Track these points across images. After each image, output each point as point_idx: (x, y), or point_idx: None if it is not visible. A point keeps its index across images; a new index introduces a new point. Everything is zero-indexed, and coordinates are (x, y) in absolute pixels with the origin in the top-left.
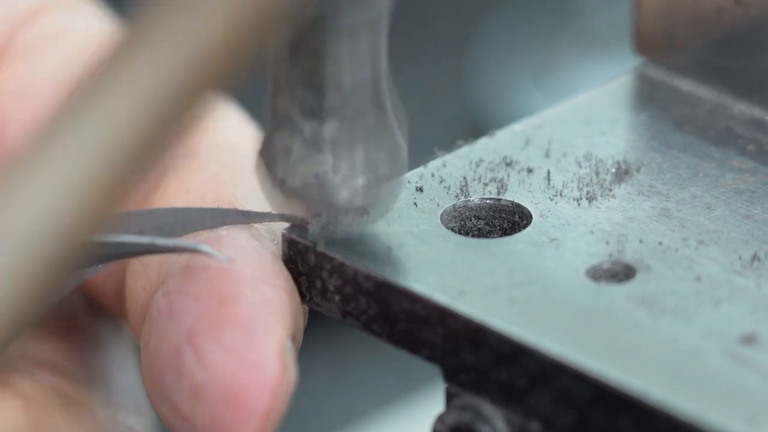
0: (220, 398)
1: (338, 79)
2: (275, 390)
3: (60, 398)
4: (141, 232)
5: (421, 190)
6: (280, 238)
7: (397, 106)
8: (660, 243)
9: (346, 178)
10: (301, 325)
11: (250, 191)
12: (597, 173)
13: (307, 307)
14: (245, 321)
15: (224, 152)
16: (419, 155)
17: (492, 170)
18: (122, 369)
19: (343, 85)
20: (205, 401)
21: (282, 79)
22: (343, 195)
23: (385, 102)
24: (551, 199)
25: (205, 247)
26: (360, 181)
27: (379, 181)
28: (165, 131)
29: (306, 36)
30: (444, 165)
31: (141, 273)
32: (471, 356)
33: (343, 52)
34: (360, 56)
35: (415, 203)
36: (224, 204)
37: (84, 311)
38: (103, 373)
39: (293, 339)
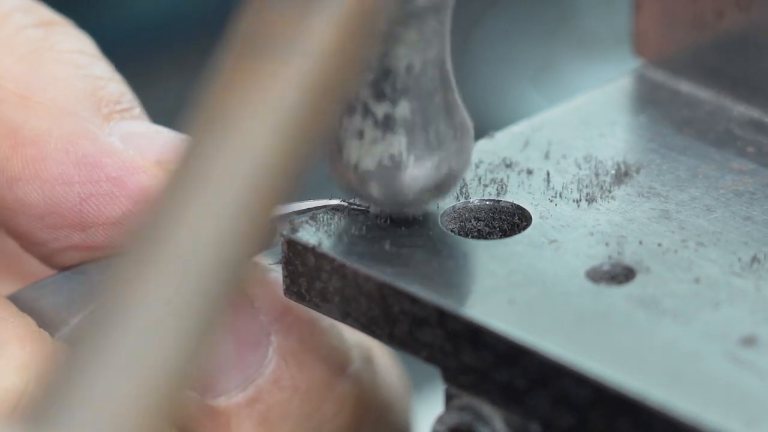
0: None
1: (409, 61)
2: None
3: None
4: None
5: None
6: (280, 239)
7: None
8: (659, 244)
9: (419, 158)
10: None
11: None
12: (597, 175)
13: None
14: None
15: None
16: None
17: (491, 171)
18: None
19: (413, 67)
20: None
21: None
22: (418, 174)
23: (450, 81)
24: (551, 201)
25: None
26: (434, 159)
27: (450, 159)
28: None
29: None
30: None
31: None
32: (470, 357)
33: (413, 35)
34: (428, 37)
35: None
36: None
37: None
38: None
39: None
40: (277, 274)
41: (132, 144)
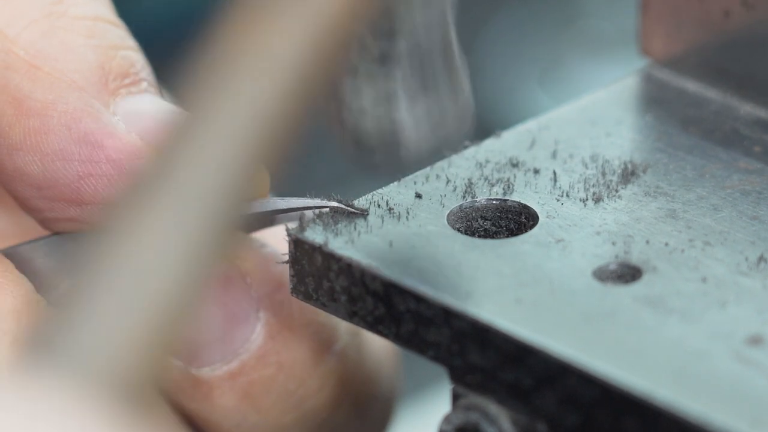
0: None
1: (410, 23)
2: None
3: None
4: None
5: (426, 191)
6: (287, 238)
7: (459, 51)
8: (666, 244)
9: (417, 121)
10: None
11: None
12: (603, 174)
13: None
14: None
15: None
16: (425, 156)
17: (498, 171)
18: None
19: (415, 30)
20: None
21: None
22: (416, 136)
23: (452, 46)
24: (558, 200)
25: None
26: (431, 122)
27: (448, 123)
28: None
29: None
30: (450, 165)
31: None
32: (477, 357)
33: None
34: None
35: (421, 204)
36: None
37: None
38: None
39: None
40: (271, 249)
41: (136, 125)
